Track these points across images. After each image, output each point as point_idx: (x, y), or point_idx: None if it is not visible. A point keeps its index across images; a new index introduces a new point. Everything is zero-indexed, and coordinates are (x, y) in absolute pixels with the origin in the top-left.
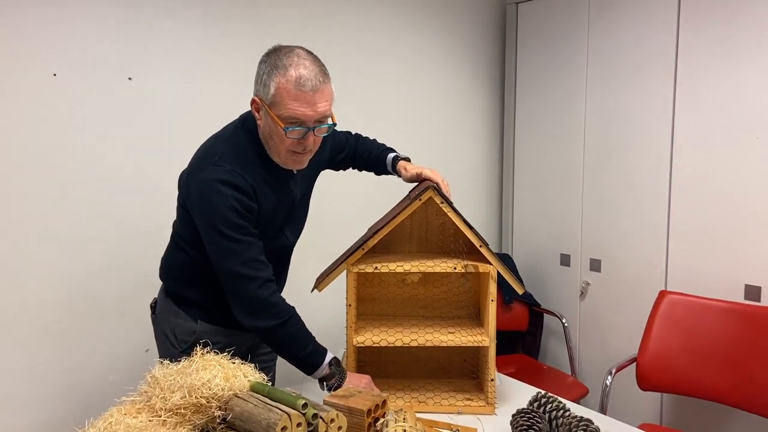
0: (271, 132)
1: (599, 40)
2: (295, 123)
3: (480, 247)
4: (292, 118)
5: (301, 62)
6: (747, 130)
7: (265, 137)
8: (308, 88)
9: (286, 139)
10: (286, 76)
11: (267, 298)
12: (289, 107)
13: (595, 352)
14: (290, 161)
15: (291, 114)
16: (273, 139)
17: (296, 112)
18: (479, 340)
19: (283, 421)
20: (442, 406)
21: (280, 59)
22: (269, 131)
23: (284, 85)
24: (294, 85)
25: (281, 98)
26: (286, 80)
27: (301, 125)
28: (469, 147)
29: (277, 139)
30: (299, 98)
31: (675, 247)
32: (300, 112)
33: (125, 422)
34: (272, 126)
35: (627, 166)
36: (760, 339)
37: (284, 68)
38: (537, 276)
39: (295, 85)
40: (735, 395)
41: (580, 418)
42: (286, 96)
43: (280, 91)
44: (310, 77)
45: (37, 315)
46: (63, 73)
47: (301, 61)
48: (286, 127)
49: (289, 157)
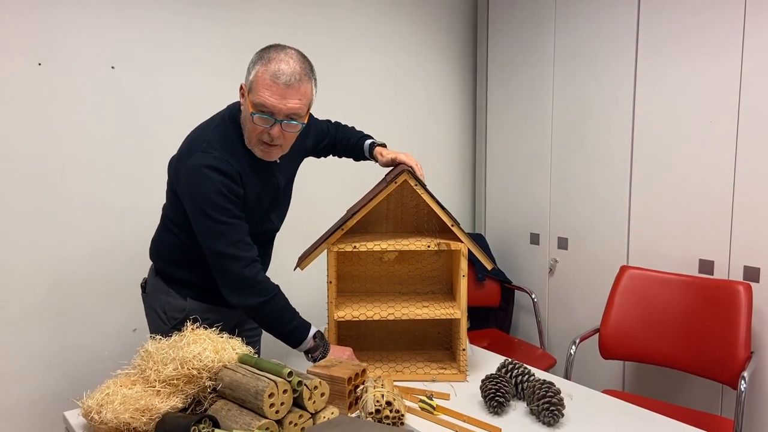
0: (245, 117)
1: (565, 28)
2: (264, 111)
3: (452, 226)
4: (261, 106)
5: (287, 59)
6: (701, 115)
7: (243, 122)
8: (282, 81)
9: (255, 126)
10: (267, 66)
11: (253, 277)
12: (260, 94)
13: (563, 325)
14: (258, 150)
15: (260, 101)
16: (246, 125)
17: (265, 101)
18: (451, 313)
19: (270, 388)
20: (417, 374)
21: (269, 53)
22: (245, 116)
23: (262, 73)
24: (270, 75)
25: (256, 85)
26: (264, 69)
27: (269, 114)
28: (442, 132)
29: (249, 125)
30: (271, 88)
31: (636, 225)
32: (269, 102)
33: (121, 393)
34: (246, 111)
35: (591, 150)
36: (711, 309)
37: (268, 60)
38: (508, 254)
39: (270, 75)
40: (689, 362)
41: (543, 381)
42: (261, 84)
43: (257, 78)
44: (286, 72)
45: (28, 295)
46: (48, 62)
47: (286, 59)
48: (253, 113)
49: (258, 146)
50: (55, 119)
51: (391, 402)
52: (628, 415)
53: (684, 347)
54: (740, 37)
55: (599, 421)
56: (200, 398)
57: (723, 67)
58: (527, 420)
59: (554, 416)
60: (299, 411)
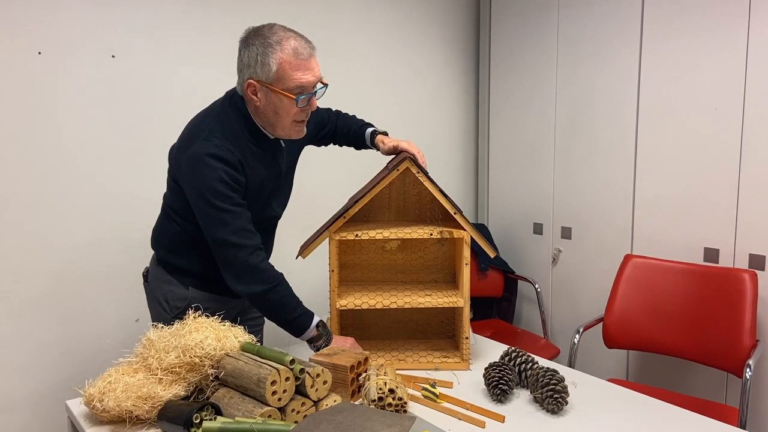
0: (276, 109)
1: (569, 15)
2: (302, 91)
3: (455, 214)
4: (299, 88)
5: (289, 34)
6: (706, 102)
7: (267, 115)
8: (306, 55)
9: (292, 111)
10: (283, 50)
11: (257, 265)
12: (293, 78)
13: (567, 315)
14: (293, 131)
15: (297, 84)
16: (279, 114)
17: (301, 81)
18: (454, 301)
19: (273, 375)
20: (420, 363)
21: (268, 38)
22: (274, 108)
23: (285, 58)
24: (293, 56)
25: (284, 72)
26: (285, 54)
27: (306, 92)
28: (444, 122)
29: (283, 113)
30: (301, 67)
31: (640, 213)
32: (305, 79)
33: (124, 380)
34: (278, 102)
35: (595, 139)
36: (717, 297)
37: (278, 44)
38: (511, 244)
39: (294, 56)
40: (694, 350)
41: (546, 369)
42: (289, 68)
43: (283, 65)
44: (303, 45)
45: (30, 285)
46: (48, 51)
47: (287, 34)
48: (298, 97)
49: (293, 128)
50: (56, 108)
51: (393, 390)
52: (633, 403)
53: (689, 336)
54: (745, 23)
55: (604, 408)
56: (202, 386)
57: (728, 53)
58: (531, 408)
59: (558, 404)
60: (302, 399)
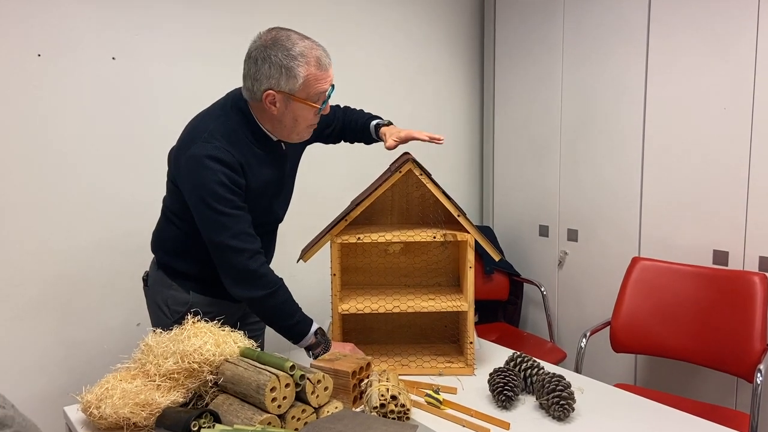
0: (296, 117)
1: (574, 15)
2: (322, 98)
3: (458, 217)
4: (322, 94)
5: (308, 44)
6: (715, 102)
7: (283, 122)
8: (326, 65)
9: (311, 117)
10: (309, 63)
11: (256, 270)
12: (317, 87)
13: (573, 319)
14: (306, 134)
15: (319, 91)
16: (298, 121)
17: (323, 88)
18: (458, 305)
19: (272, 382)
20: (423, 368)
21: (290, 49)
22: (293, 116)
23: (311, 71)
24: (317, 68)
25: (309, 83)
26: (309, 68)
27: (325, 99)
28: (449, 122)
29: (302, 120)
30: (323, 78)
31: (648, 215)
32: (325, 87)
33: (121, 387)
34: (299, 111)
35: (602, 140)
36: (726, 301)
37: (302, 56)
38: (517, 247)
39: (317, 67)
40: (703, 354)
41: (552, 375)
42: (314, 80)
43: (309, 78)
44: (323, 55)
45: (29, 290)
46: (47, 53)
47: (307, 43)
48: (323, 104)
49: (307, 131)
50: (56, 111)
51: (396, 396)
52: (641, 409)
53: (698, 340)
54: (755, 21)
55: (611, 415)
56: (201, 392)
57: (737, 52)
58: (537, 414)
59: (564, 410)
60: (302, 405)
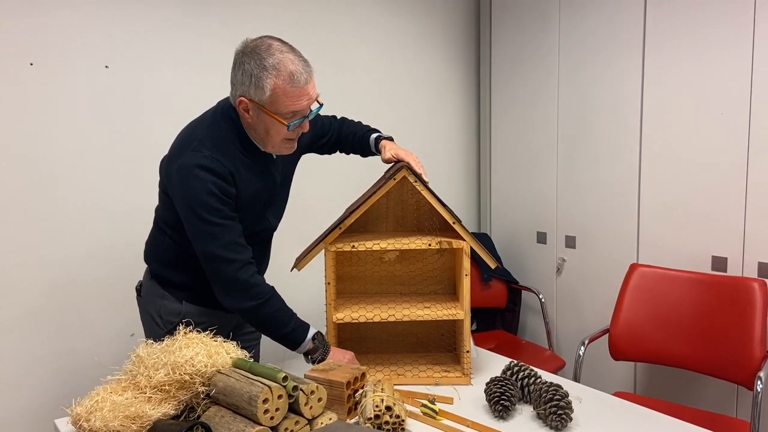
0: (267, 129)
1: (570, 22)
2: (295, 116)
3: (453, 224)
4: (294, 114)
5: (286, 57)
6: (712, 107)
7: (258, 132)
8: (302, 82)
9: (283, 132)
10: (279, 76)
11: (246, 280)
12: (287, 104)
13: (572, 326)
14: (284, 148)
15: (291, 110)
16: (269, 134)
17: (295, 107)
18: (454, 314)
19: (265, 393)
20: (420, 378)
21: (264, 59)
22: (265, 128)
23: (280, 85)
24: (289, 83)
25: (278, 98)
26: (281, 80)
27: (300, 116)
28: (445, 129)
29: (274, 133)
30: (295, 94)
31: (646, 221)
32: (300, 106)
33: (111, 399)
34: (270, 123)
35: (599, 146)
36: (725, 307)
37: (273, 68)
38: (515, 254)
39: (289, 83)
40: (703, 362)
41: (550, 384)
42: (283, 95)
43: (277, 91)
44: (300, 71)
45: (22, 300)
46: (40, 62)
47: (285, 56)
48: (290, 123)
49: (284, 145)
50: (48, 120)
51: (391, 407)
52: (640, 418)
53: (697, 347)
54: (750, 26)
55: (609, 424)
56: (193, 404)
57: (733, 57)
58: (534, 424)
59: (562, 420)
60: (295, 417)
